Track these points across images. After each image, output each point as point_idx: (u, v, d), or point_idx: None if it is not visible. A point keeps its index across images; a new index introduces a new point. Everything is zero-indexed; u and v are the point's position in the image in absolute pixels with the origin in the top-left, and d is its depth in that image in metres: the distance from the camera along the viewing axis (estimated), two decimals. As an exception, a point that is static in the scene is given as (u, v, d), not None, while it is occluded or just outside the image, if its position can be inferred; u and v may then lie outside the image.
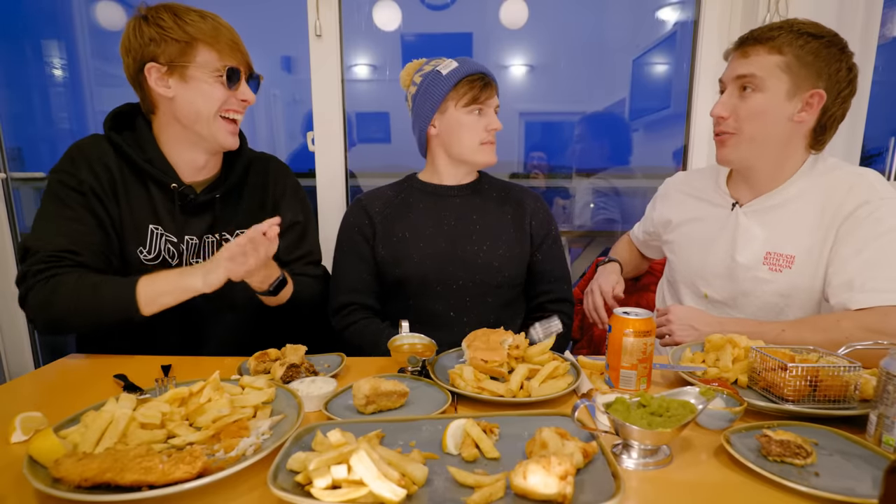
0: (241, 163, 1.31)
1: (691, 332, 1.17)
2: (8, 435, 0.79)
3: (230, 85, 1.16)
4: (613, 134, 2.44)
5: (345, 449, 0.63)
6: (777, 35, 1.13)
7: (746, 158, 1.22)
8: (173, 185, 1.20)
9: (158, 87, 1.14)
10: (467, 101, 1.33)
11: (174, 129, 1.20)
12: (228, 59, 1.16)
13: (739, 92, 1.18)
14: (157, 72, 1.13)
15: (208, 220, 1.27)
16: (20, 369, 2.22)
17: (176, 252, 1.24)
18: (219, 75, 1.15)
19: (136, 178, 1.21)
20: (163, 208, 1.22)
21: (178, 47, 1.11)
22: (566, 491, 0.60)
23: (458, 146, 1.38)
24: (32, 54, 2.44)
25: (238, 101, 1.20)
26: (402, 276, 1.37)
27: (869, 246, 1.10)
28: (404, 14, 2.16)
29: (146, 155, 1.20)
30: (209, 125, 1.18)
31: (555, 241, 1.50)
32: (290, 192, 1.39)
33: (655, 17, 2.24)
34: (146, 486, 0.62)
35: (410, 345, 1.09)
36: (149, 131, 1.22)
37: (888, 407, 0.74)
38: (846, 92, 1.16)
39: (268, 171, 1.38)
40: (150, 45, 1.11)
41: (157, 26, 1.11)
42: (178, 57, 1.12)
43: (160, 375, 1.04)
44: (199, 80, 1.14)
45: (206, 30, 1.13)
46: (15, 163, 2.24)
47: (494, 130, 1.38)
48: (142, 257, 1.20)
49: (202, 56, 1.13)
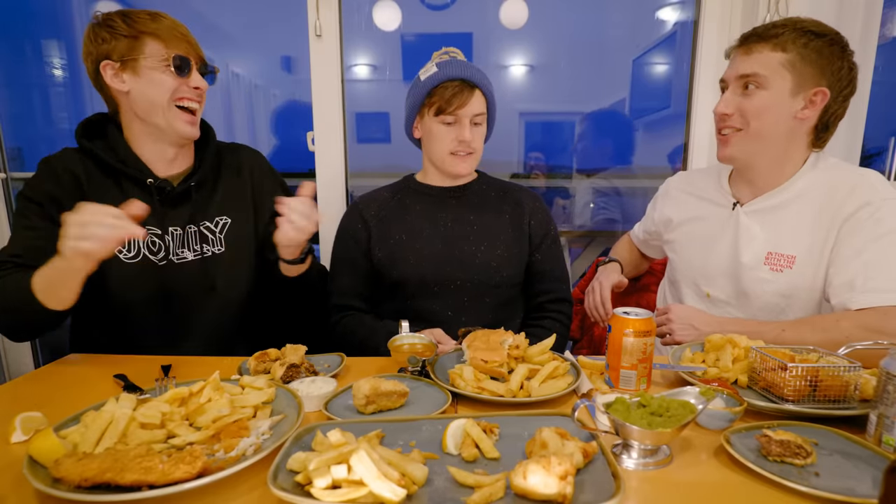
0: (210, 151, 1.33)
1: (691, 332, 1.17)
2: (8, 435, 0.79)
3: (179, 73, 1.20)
4: (613, 134, 2.44)
5: (345, 449, 0.63)
6: (781, 33, 1.13)
7: (749, 155, 1.22)
8: (149, 180, 1.23)
9: (114, 83, 1.19)
10: (435, 111, 1.32)
11: (137, 125, 1.24)
12: (174, 48, 1.19)
13: (742, 90, 1.18)
14: (111, 69, 1.18)
15: (188, 211, 1.29)
16: (20, 369, 2.22)
17: (162, 244, 1.25)
18: (167, 64, 1.18)
19: (110, 180, 1.24)
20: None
21: (126, 43, 1.17)
22: (566, 491, 0.60)
23: (431, 153, 1.39)
24: (32, 54, 2.44)
25: (190, 89, 1.23)
26: (400, 278, 1.37)
27: (870, 247, 1.10)
28: (404, 14, 2.16)
29: (118, 156, 1.23)
30: (165, 115, 1.20)
31: (554, 242, 1.49)
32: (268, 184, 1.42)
33: (655, 17, 2.24)
34: (146, 486, 0.62)
35: (410, 345, 1.09)
36: (119, 135, 1.26)
37: (888, 407, 0.74)
38: (847, 91, 1.16)
39: (240, 158, 1.41)
40: (103, 46, 1.17)
41: (108, 27, 1.17)
42: (127, 52, 1.17)
43: (160, 375, 1.04)
44: (148, 69, 1.18)
45: (151, 23, 1.18)
46: (15, 163, 2.24)
47: (464, 142, 1.33)
48: (122, 257, 1.22)
49: (149, 47, 1.18)
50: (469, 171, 1.42)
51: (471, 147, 1.36)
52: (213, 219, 1.32)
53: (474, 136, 1.35)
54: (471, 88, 1.32)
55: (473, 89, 1.32)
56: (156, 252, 1.25)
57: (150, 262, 1.24)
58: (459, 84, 1.31)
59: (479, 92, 1.34)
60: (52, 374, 1.09)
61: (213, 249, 1.31)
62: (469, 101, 1.32)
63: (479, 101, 1.34)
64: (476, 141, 1.36)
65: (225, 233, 1.33)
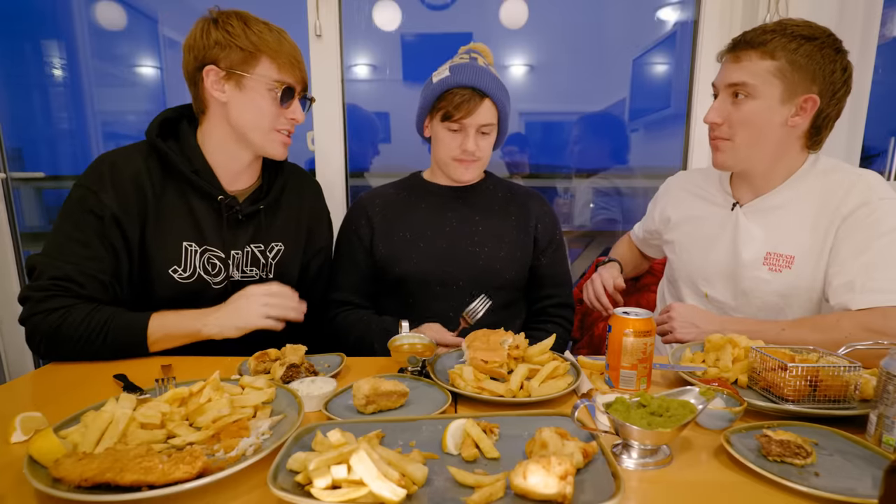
0: (282, 175, 1.32)
1: (692, 330, 1.17)
2: (8, 435, 0.79)
3: (282, 102, 1.17)
4: (613, 134, 2.43)
5: (345, 449, 0.63)
6: (770, 39, 1.12)
7: (742, 162, 1.22)
8: (220, 196, 1.19)
9: (214, 89, 1.14)
10: (442, 117, 1.31)
11: (222, 131, 1.19)
12: (287, 74, 1.16)
13: (732, 98, 1.18)
14: (215, 75, 1.13)
15: (250, 232, 1.27)
16: (20, 369, 2.22)
17: (222, 266, 1.23)
18: (273, 90, 1.15)
19: (177, 194, 1.19)
20: (206, 222, 1.21)
21: (241, 55, 1.12)
22: (566, 491, 0.60)
23: (437, 156, 1.39)
24: (32, 54, 2.43)
25: (288, 121, 1.21)
26: (402, 275, 1.37)
27: (869, 247, 1.10)
28: (404, 14, 2.16)
29: (193, 166, 1.19)
30: (262, 136, 1.19)
31: (559, 247, 1.49)
32: (324, 218, 1.44)
33: (655, 17, 2.24)
34: (146, 486, 0.62)
35: (410, 345, 1.09)
36: (193, 138, 1.21)
37: (888, 407, 0.74)
38: (841, 92, 1.15)
39: (303, 186, 1.39)
40: (214, 48, 1.12)
41: (225, 31, 1.11)
42: (238, 64, 1.13)
43: (160, 375, 1.04)
44: (253, 91, 1.14)
45: (271, 42, 1.13)
46: (15, 163, 2.24)
47: (468, 152, 1.32)
48: (176, 276, 1.18)
49: (262, 67, 1.14)
50: (473, 179, 1.41)
51: (475, 156, 1.34)
52: (269, 244, 1.30)
53: (480, 145, 1.32)
54: (480, 97, 1.28)
55: (483, 98, 1.28)
56: (213, 273, 1.22)
57: (202, 282, 1.22)
58: (469, 92, 1.27)
59: (490, 102, 1.29)
60: (52, 374, 1.09)
61: (261, 274, 1.29)
62: (477, 111, 1.28)
63: (488, 111, 1.30)
64: (481, 150, 1.34)
65: (277, 260, 1.31)
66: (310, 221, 1.38)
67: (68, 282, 1.09)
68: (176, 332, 1.12)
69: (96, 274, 1.11)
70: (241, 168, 1.25)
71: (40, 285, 1.09)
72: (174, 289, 1.19)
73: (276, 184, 1.30)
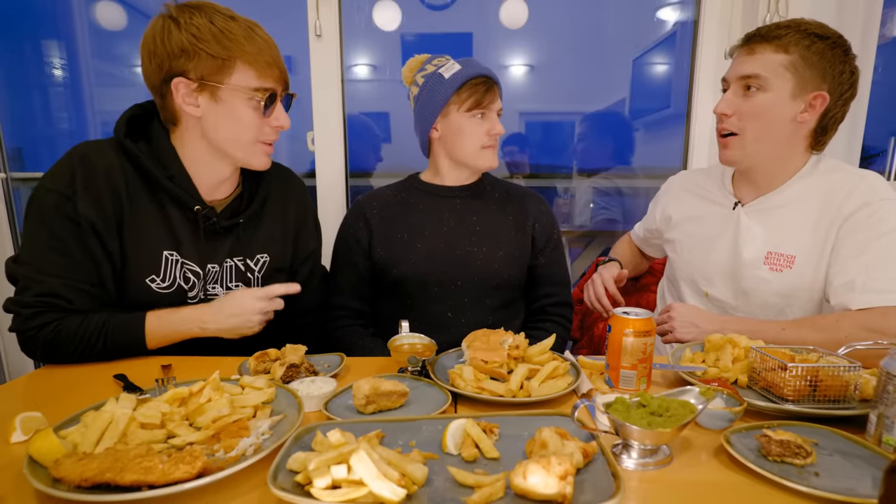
0: (266, 181, 1.23)
1: (693, 330, 1.17)
2: (8, 435, 0.79)
3: (265, 111, 1.06)
4: (613, 134, 2.44)
5: (345, 449, 0.63)
6: (784, 34, 1.13)
7: (749, 157, 1.22)
8: (197, 207, 1.10)
9: (186, 104, 1.03)
10: (469, 106, 1.32)
11: (199, 145, 1.09)
12: (266, 79, 1.04)
13: (743, 91, 1.18)
14: (185, 87, 1.01)
15: (229, 245, 1.18)
16: (20, 369, 2.22)
17: (196, 280, 1.15)
18: (253, 99, 1.04)
19: (152, 199, 1.09)
20: (182, 232, 1.13)
21: (212, 63, 0.99)
22: (566, 491, 0.60)
23: (459, 150, 1.38)
24: (32, 54, 2.43)
25: (273, 129, 1.11)
26: (401, 277, 1.37)
27: (870, 247, 1.10)
28: (404, 14, 2.16)
29: (168, 171, 1.08)
30: (244, 150, 1.10)
31: (557, 245, 1.49)
32: (310, 218, 1.37)
33: (655, 17, 2.24)
34: (146, 486, 0.62)
35: (410, 345, 1.09)
36: (167, 140, 1.10)
37: (888, 407, 0.74)
38: (848, 94, 1.16)
39: (287, 191, 1.30)
40: (180, 58, 0.99)
41: (191, 35, 0.98)
42: (211, 74, 1.00)
43: (160, 375, 1.04)
44: (230, 103, 1.03)
45: (244, 43, 1.00)
46: (15, 163, 2.24)
47: (497, 135, 1.37)
48: (154, 286, 1.11)
49: (238, 74, 1.01)
50: (496, 165, 1.42)
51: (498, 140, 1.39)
52: (253, 256, 1.22)
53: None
54: (493, 84, 1.35)
55: (494, 85, 1.36)
56: (188, 287, 1.15)
57: (182, 292, 1.15)
58: (485, 80, 1.34)
59: (497, 88, 1.37)
60: (52, 374, 1.09)
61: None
62: (496, 97, 1.36)
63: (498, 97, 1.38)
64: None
65: (263, 271, 1.24)
66: (296, 226, 1.31)
67: (55, 297, 1.03)
68: (174, 332, 1.11)
69: (80, 285, 1.06)
70: (220, 180, 1.16)
71: (26, 302, 1.03)
72: (151, 298, 1.11)
73: (258, 193, 1.22)
